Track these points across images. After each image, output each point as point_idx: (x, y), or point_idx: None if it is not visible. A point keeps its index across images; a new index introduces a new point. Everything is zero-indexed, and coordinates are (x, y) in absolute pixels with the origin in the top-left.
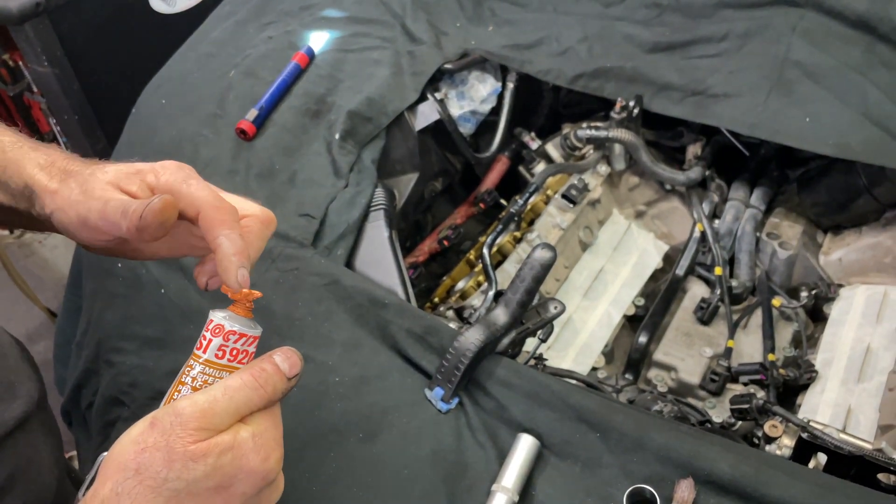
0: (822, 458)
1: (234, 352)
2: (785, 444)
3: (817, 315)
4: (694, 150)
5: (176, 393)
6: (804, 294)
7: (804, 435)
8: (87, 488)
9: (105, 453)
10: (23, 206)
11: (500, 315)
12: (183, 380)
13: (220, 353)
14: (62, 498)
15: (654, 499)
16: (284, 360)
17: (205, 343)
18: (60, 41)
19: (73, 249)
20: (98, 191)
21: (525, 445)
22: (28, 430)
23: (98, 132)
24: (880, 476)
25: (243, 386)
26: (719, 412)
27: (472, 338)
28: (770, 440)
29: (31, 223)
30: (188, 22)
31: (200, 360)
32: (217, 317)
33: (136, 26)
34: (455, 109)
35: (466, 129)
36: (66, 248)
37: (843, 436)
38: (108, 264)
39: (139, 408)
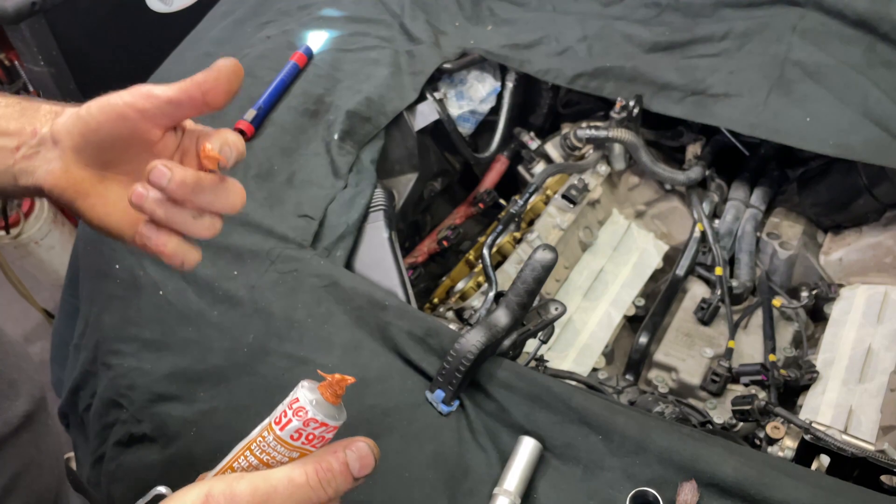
0: (824, 459)
1: (311, 437)
2: (787, 446)
3: (818, 315)
4: (694, 149)
5: (242, 458)
6: (804, 294)
7: (807, 437)
8: None
9: (160, 488)
10: None
11: (502, 316)
12: (252, 448)
13: (297, 436)
14: (63, 499)
15: (657, 502)
16: (357, 459)
17: (283, 421)
18: (56, 40)
19: (70, 251)
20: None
21: (527, 448)
22: (31, 430)
23: None
24: (883, 478)
25: (306, 484)
26: (720, 413)
27: (474, 339)
28: (772, 441)
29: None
30: (185, 21)
31: (274, 436)
32: (303, 398)
33: (133, 25)
34: (454, 109)
35: (465, 129)
36: (63, 249)
37: (845, 437)
38: (106, 266)
39: (137, 410)
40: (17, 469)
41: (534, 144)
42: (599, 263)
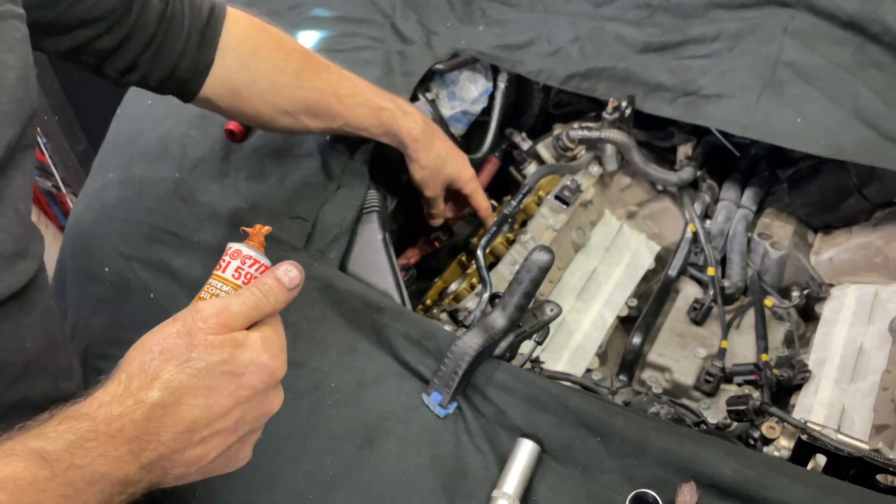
0: (820, 459)
1: (248, 276)
2: (783, 446)
3: (809, 315)
4: (685, 150)
5: (197, 303)
6: (795, 294)
7: (804, 437)
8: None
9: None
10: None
11: (498, 318)
12: (202, 295)
13: (237, 275)
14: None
15: (656, 503)
16: (284, 273)
17: (223, 265)
18: None
19: (54, 254)
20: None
21: (525, 450)
22: (41, 299)
23: (79, 133)
24: (879, 477)
25: (251, 295)
26: (714, 413)
27: (471, 341)
28: (767, 441)
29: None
30: None
31: (219, 278)
32: (235, 245)
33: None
34: (446, 110)
35: (458, 129)
36: (50, 253)
37: (840, 436)
38: (95, 269)
39: None
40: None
41: (525, 145)
42: (592, 264)
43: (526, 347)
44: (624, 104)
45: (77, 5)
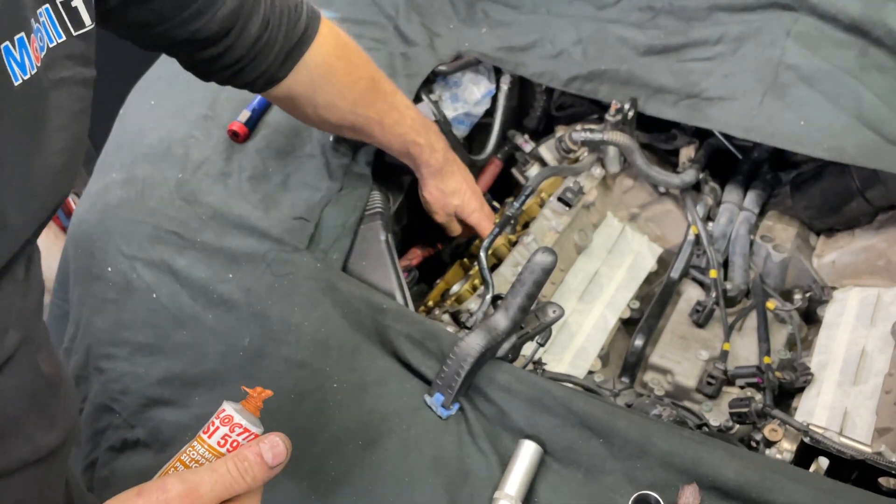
0: (822, 461)
1: (234, 444)
2: (785, 448)
3: (811, 317)
4: (687, 152)
5: (172, 469)
6: (798, 297)
7: (806, 439)
8: None
9: None
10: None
11: (501, 320)
12: (182, 458)
13: (223, 442)
14: None
15: None
16: (269, 450)
17: (212, 429)
18: None
19: (56, 254)
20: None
21: (527, 452)
22: (52, 462)
23: None
24: (881, 480)
25: (227, 473)
26: (716, 415)
27: (473, 343)
28: (770, 444)
29: None
30: None
31: (204, 445)
32: (229, 408)
33: None
34: (449, 111)
35: (460, 131)
36: (49, 252)
37: (842, 439)
38: (98, 269)
39: (130, 415)
40: (30, 493)
41: (528, 147)
42: (594, 266)
43: (528, 349)
44: (626, 106)
45: (183, 27)
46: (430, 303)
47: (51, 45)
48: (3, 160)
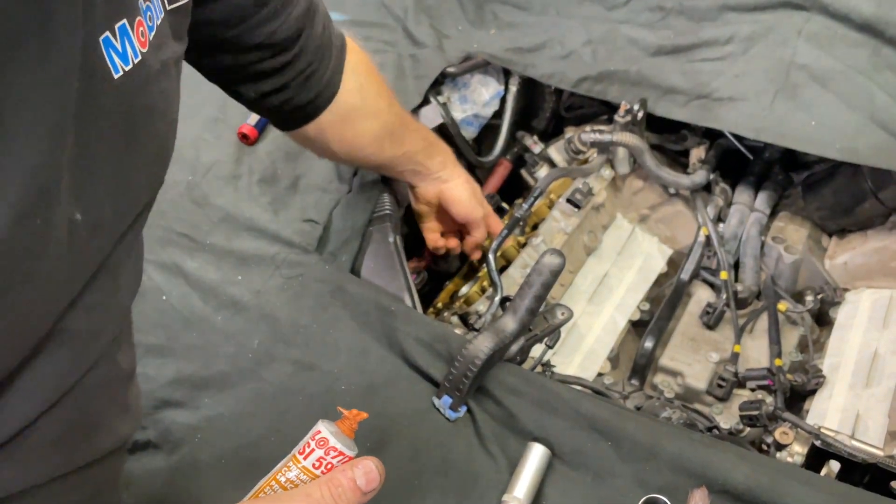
0: (834, 465)
1: (329, 465)
2: (796, 451)
3: (823, 319)
4: (698, 153)
5: (268, 487)
6: (810, 298)
7: (817, 443)
8: None
9: None
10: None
11: (509, 322)
12: (277, 478)
13: (318, 464)
14: None
15: None
16: (363, 475)
17: (307, 451)
18: None
19: None
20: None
21: (536, 455)
22: (110, 462)
23: None
24: (893, 484)
25: (321, 498)
26: (727, 418)
27: (482, 345)
28: (781, 447)
29: None
30: None
31: (299, 466)
32: (324, 430)
33: None
34: (458, 113)
35: (469, 132)
36: None
37: (854, 442)
38: None
39: (141, 418)
40: (109, 480)
41: (537, 148)
42: (604, 268)
43: (537, 351)
44: (636, 107)
45: (259, 28)
46: (439, 304)
47: (158, 24)
48: (100, 156)
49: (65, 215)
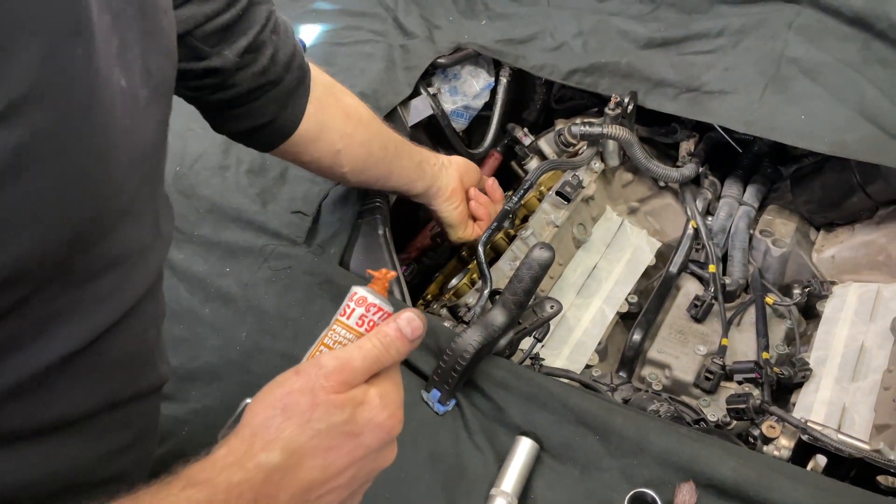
0: (820, 459)
1: (371, 323)
2: (783, 445)
3: (810, 312)
4: (687, 146)
5: (318, 352)
6: (797, 291)
7: (804, 437)
8: (230, 428)
9: (248, 399)
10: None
11: (498, 315)
12: (325, 341)
13: (360, 322)
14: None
15: (655, 503)
16: (406, 324)
17: (348, 311)
18: None
19: None
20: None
21: (524, 448)
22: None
23: None
24: (880, 478)
25: (373, 348)
26: (714, 411)
27: (470, 338)
28: (767, 440)
29: None
30: None
31: (344, 326)
32: (361, 291)
33: None
34: (448, 104)
35: (459, 124)
36: None
37: (840, 436)
38: None
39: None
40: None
41: (527, 140)
42: (593, 260)
43: (525, 344)
44: (626, 100)
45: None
46: (429, 296)
47: None
48: (129, 33)
49: (109, 70)
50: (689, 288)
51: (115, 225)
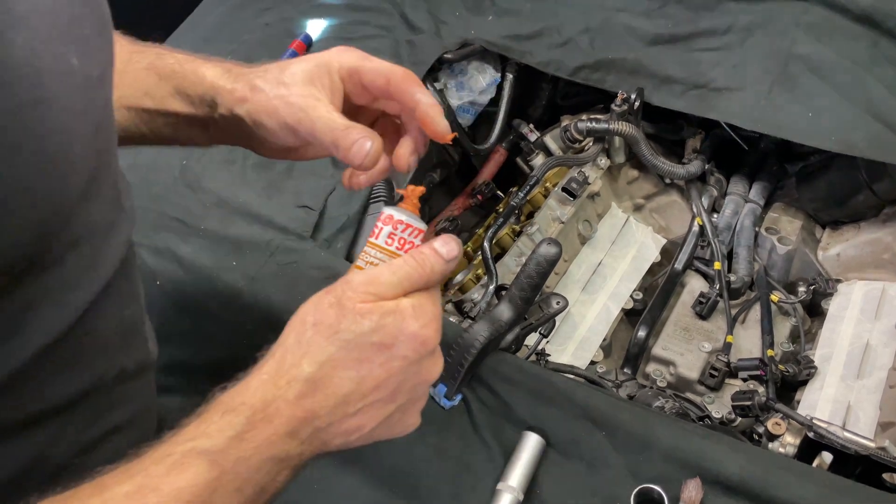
0: (826, 456)
1: (402, 241)
2: (788, 442)
3: (815, 310)
4: (693, 143)
5: (350, 274)
6: (802, 289)
7: (811, 434)
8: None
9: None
10: (202, 112)
11: (505, 310)
12: (358, 263)
13: (390, 241)
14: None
15: (661, 499)
16: (443, 245)
17: (377, 231)
18: None
19: None
20: (296, 96)
21: (530, 444)
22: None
23: None
24: (885, 476)
25: (404, 264)
26: (718, 408)
27: (477, 333)
28: (773, 437)
29: (204, 134)
30: (182, 5)
31: (374, 247)
32: (387, 209)
33: (127, 8)
34: (454, 100)
35: (465, 120)
36: None
37: (846, 434)
38: None
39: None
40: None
41: (533, 136)
42: (598, 257)
43: (531, 340)
44: (633, 96)
45: None
46: None
47: None
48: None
49: (59, 49)
50: (694, 285)
51: (78, 206)
